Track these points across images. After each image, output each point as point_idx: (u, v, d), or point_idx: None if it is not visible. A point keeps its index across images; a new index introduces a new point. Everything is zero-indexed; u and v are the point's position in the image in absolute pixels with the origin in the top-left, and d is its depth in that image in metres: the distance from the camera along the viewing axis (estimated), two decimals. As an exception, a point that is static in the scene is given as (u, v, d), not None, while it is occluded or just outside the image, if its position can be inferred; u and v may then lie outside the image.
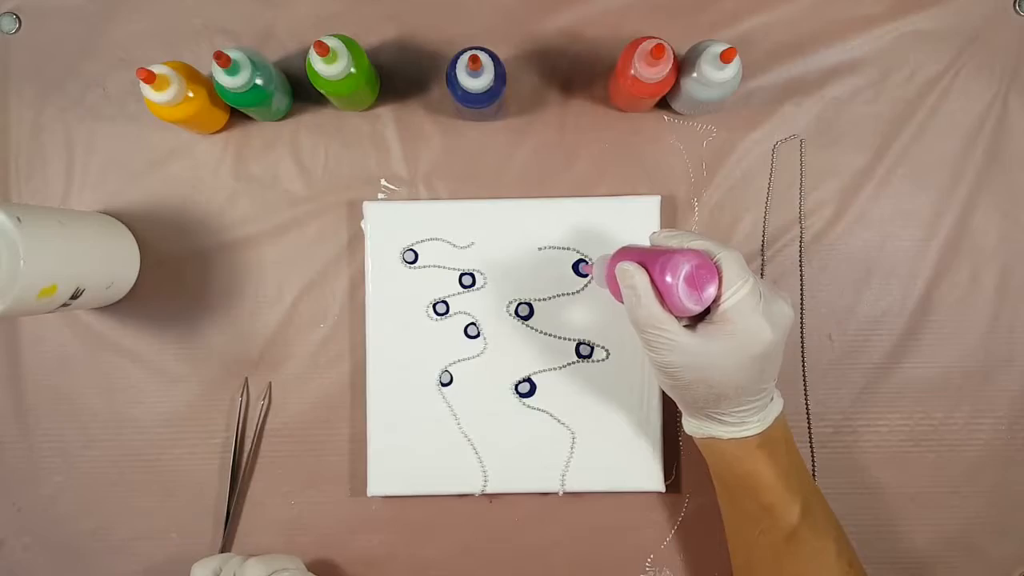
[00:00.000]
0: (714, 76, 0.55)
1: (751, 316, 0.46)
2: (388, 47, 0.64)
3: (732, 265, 0.46)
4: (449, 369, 0.63)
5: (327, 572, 0.64)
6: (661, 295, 0.46)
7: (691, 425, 0.53)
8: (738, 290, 0.45)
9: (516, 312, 0.63)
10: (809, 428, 0.64)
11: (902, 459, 0.64)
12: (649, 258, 0.47)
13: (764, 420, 0.51)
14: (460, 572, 0.64)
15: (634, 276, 0.47)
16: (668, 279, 0.45)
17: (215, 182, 0.64)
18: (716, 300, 0.46)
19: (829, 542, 0.51)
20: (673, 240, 0.49)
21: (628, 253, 0.50)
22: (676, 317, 0.47)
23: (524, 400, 0.62)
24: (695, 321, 0.48)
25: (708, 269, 0.46)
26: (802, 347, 0.64)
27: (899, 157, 0.64)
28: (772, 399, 0.52)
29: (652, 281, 0.46)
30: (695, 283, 0.45)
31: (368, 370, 0.62)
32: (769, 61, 0.63)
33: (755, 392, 0.49)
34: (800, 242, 0.64)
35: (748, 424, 0.50)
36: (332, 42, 0.54)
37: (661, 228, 0.50)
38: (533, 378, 0.62)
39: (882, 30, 0.64)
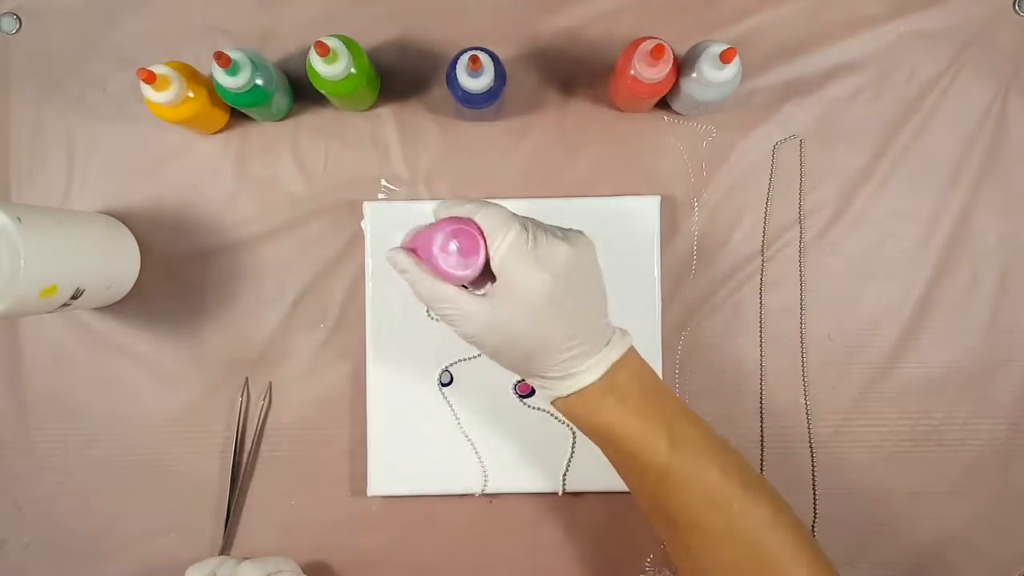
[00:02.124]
0: (714, 76, 0.55)
1: (520, 264, 0.44)
2: (388, 47, 0.64)
3: (491, 219, 0.45)
4: (449, 369, 0.63)
5: (327, 572, 0.64)
6: (434, 270, 0.46)
7: (539, 393, 0.50)
8: (502, 242, 0.44)
9: (516, 312, 0.63)
10: (809, 428, 0.64)
11: (902, 459, 0.64)
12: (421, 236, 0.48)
13: (599, 365, 0.47)
14: (460, 572, 0.64)
15: (398, 260, 0.47)
16: (433, 252, 0.45)
17: (215, 182, 0.64)
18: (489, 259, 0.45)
19: (710, 469, 0.47)
20: (444, 210, 0.48)
21: (408, 237, 0.50)
22: (468, 286, 0.46)
23: (524, 400, 0.62)
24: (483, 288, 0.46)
25: (466, 233, 0.45)
26: (802, 347, 0.64)
27: (899, 157, 0.64)
28: (608, 342, 0.48)
29: (422, 258, 0.46)
30: (449, 248, 0.45)
31: (368, 370, 0.62)
32: (769, 61, 0.63)
33: (566, 339, 0.46)
34: (800, 242, 0.64)
35: (580, 374, 0.47)
36: (332, 42, 0.54)
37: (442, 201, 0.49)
38: (533, 378, 0.62)
39: (882, 30, 0.64)
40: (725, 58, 0.53)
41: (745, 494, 0.47)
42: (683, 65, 0.58)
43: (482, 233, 0.45)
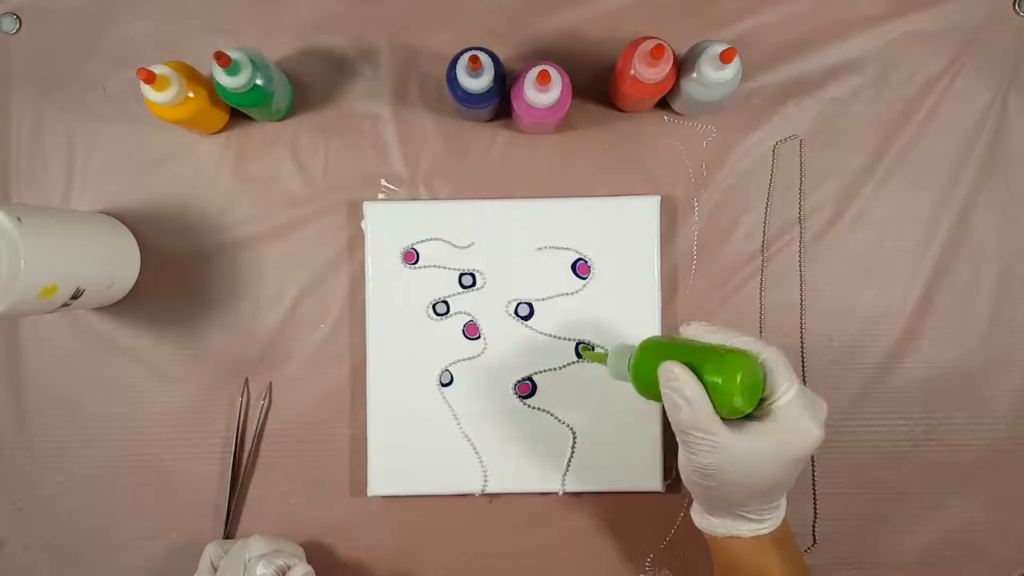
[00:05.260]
0: (714, 76, 0.55)
1: (801, 416, 0.45)
2: (388, 47, 0.64)
3: (779, 364, 0.46)
4: (449, 369, 0.63)
5: (327, 572, 0.64)
6: None
7: (711, 523, 0.52)
8: (787, 390, 0.45)
9: (516, 312, 0.63)
10: (809, 428, 0.64)
11: (902, 459, 0.64)
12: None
13: (779, 516, 0.51)
14: (460, 572, 0.64)
15: (680, 378, 0.45)
16: None
17: (215, 182, 0.64)
18: (764, 399, 0.46)
19: None
20: (710, 335, 0.48)
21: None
22: (723, 419, 0.45)
23: (524, 400, 0.62)
24: (740, 421, 0.46)
25: None
26: (802, 347, 0.64)
27: (899, 157, 0.64)
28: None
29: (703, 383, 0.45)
30: None
31: (368, 370, 0.62)
32: (769, 61, 0.63)
33: (787, 488, 0.49)
34: (800, 242, 0.64)
35: (767, 521, 0.50)
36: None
37: (692, 322, 0.49)
38: (533, 378, 0.62)
39: (882, 30, 0.64)
40: (725, 58, 0.53)
41: None
42: (683, 65, 0.58)
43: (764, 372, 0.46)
